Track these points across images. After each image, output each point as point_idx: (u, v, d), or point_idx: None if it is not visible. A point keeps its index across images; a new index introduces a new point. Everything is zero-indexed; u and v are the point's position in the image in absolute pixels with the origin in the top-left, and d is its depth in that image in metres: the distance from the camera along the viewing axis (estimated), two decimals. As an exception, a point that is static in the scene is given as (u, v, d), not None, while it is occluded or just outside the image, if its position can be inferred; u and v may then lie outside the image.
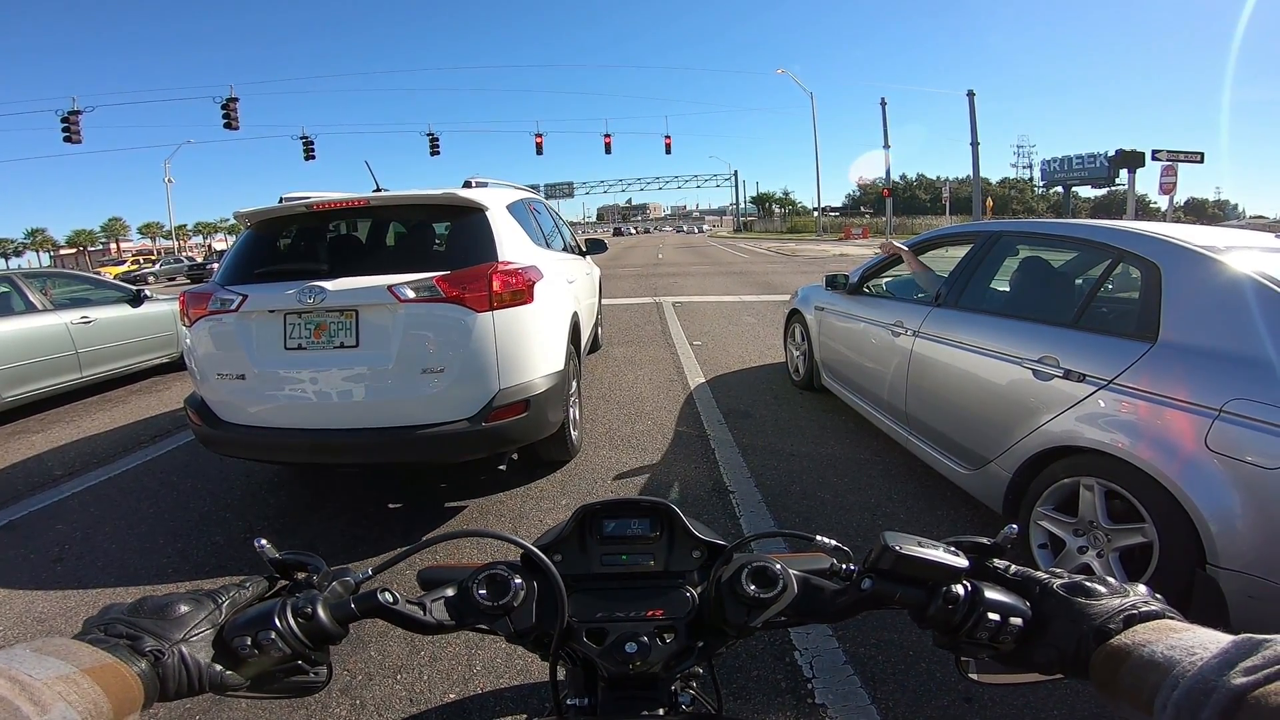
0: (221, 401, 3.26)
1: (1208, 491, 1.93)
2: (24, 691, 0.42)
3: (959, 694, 2.01)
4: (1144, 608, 0.55)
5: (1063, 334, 2.59)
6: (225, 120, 24.98)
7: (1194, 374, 2.08)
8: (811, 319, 5.16)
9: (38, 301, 6.21)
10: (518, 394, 3.16)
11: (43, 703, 0.42)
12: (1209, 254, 2.28)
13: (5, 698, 0.41)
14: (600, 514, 0.80)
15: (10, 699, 0.41)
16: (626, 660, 0.67)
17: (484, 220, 3.34)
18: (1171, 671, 0.45)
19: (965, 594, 0.62)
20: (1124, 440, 2.17)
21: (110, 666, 0.49)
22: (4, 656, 0.45)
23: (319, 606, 0.63)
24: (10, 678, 0.42)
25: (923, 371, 3.37)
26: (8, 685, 0.42)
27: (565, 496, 3.55)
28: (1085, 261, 3.01)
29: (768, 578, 0.68)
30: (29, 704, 0.41)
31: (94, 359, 6.45)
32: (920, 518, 3.18)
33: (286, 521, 3.45)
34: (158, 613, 0.57)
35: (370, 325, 3.06)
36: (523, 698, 1.84)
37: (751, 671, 2.13)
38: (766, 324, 8.76)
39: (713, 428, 4.57)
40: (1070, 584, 0.60)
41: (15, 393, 5.73)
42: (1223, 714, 0.38)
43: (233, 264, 3.43)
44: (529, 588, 0.70)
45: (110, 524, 3.54)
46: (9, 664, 0.44)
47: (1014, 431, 2.63)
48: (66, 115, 23.46)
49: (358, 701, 2.09)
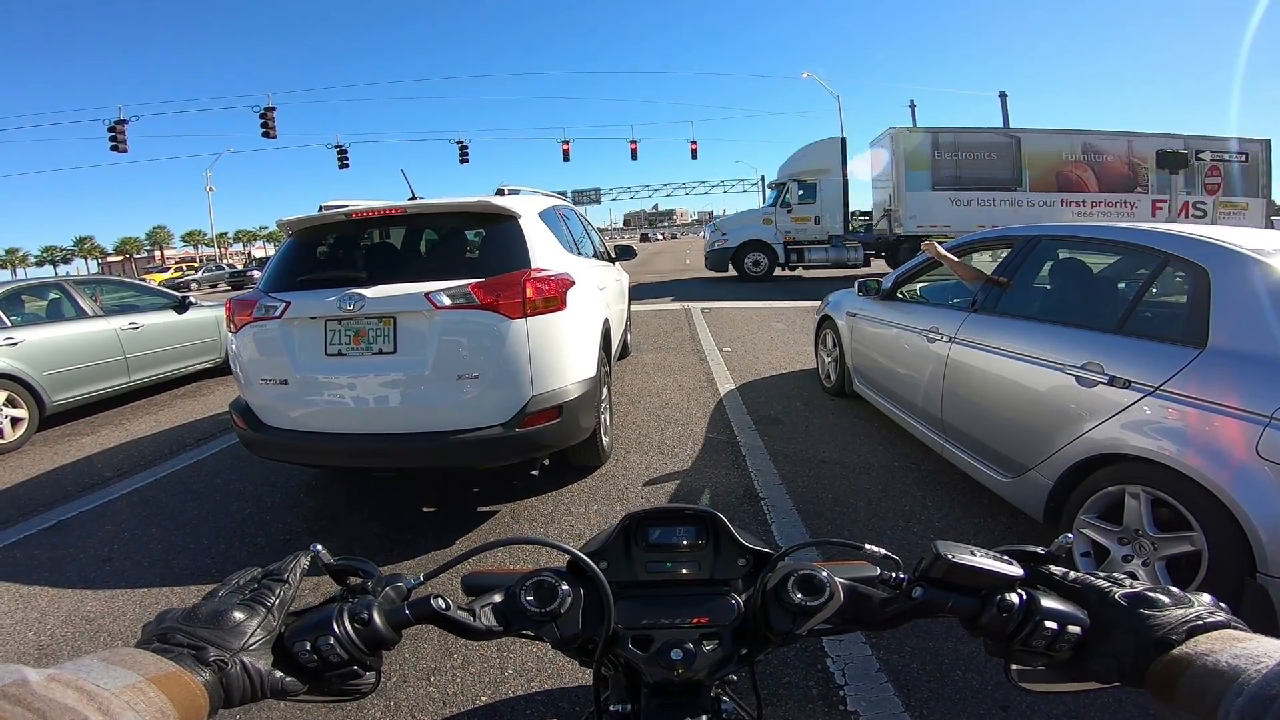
0: (265, 406, 3.35)
1: (1258, 499, 1.88)
2: (93, 701, 0.42)
3: (995, 701, 1.97)
4: (1209, 618, 0.54)
5: (1107, 339, 2.54)
6: (264, 129, 25.55)
7: (1244, 380, 2.02)
8: (843, 325, 5.11)
9: (88, 308, 6.45)
10: (550, 400, 3.19)
11: (111, 712, 0.42)
12: (1259, 256, 2.21)
13: (75, 708, 0.41)
14: (646, 522, 0.81)
15: (80, 709, 0.41)
16: (672, 667, 0.68)
17: (517, 227, 3.39)
18: (1237, 679, 0.44)
19: (1020, 602, 0.62)
20: (1171, 447, 2.11)
21: (175, 675, 0.50)
22: (72, 667, 0.45)
23: (375, 612, 0.64)
24: (79, 688, 0.43)
25: (959, 378, 3.32)
26: (76, 696, 0.42)
27: (596, 502, 3.57)
28: (1129, 265, 2.93)
29: (814, 585, 0.68)
30: (99, 714, 0.41)
31: (142, 364, 6.67)
32: (956, 525, 3.13)
33: (324, 524, 3.53)
34: (214, 620, 0.58)
35: (408, 331, 3.12)
36: (553, 701, 1.86)
37: (783, 678, 2.12)
38: (796, 330, 8.70)
39: (743, 434, 4.55)
40: (1132, 594, 0.59)
41: (66, 396, 5.95)
42: None
43: (276, 272, 3.52)
44: (575, 594, 0.71)
45: (156, 525, 3.65)
46: (77, 674, 0.44)
47: (1055, 439, 2.57)
48: (113, 125, 24.15)
49: (392, 703, 2.12)
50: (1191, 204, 17.28)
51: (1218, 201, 17.31)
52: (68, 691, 0.42)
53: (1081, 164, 17.11)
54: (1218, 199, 17.32)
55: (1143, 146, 17.16)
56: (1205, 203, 17.25)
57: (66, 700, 0.41)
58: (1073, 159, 17.08)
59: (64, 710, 0.40)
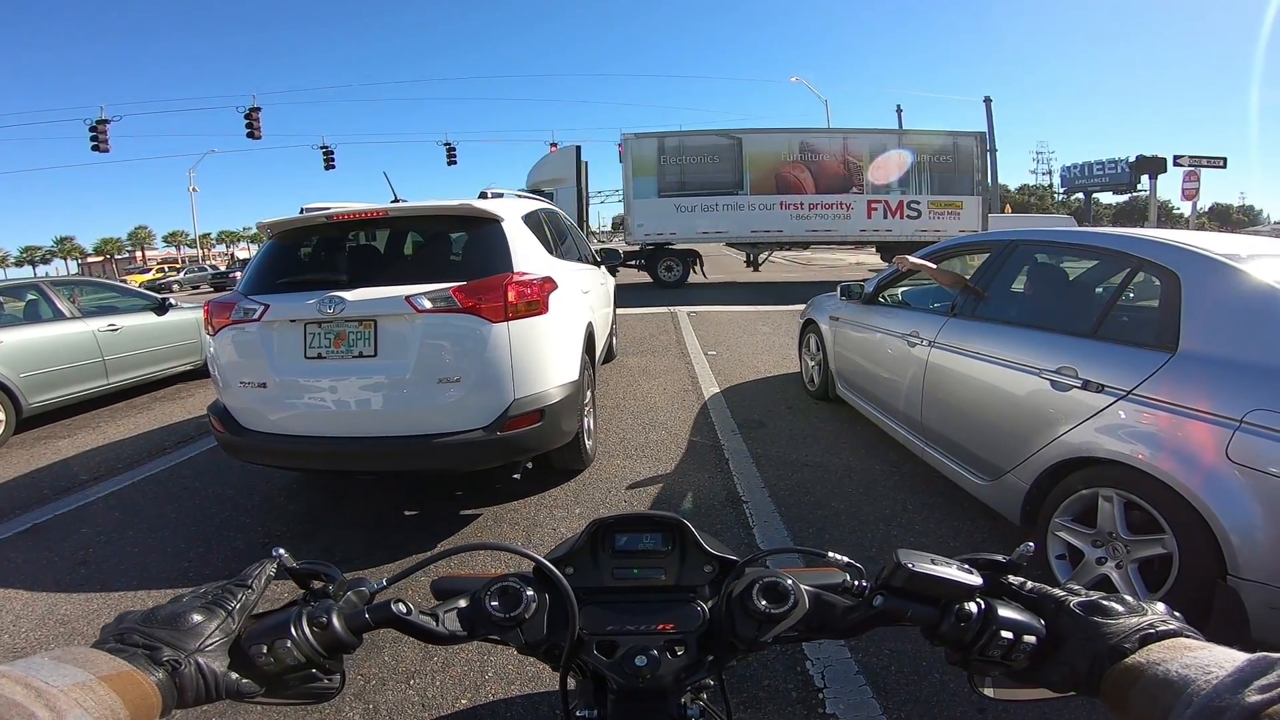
0: (243, 409, 3.32)
1: (1229, 502, 1.91)
2: (40, 698, 0.42)
3: (972, 704, 1.99)
4: (1161, 626, 0.54)
5: (1081, 344, 2.57)
6: (248, 130, 25.28)
7: (1215, 384, 2.06)
8: (826, 329, 5.14)
9: (66, 309, 6.35)
10: (533, 403, 3.19)
11: (58, 709, 0.42)
12: (1230, 262, 2.25)
13: (22, 704, 0.41)
14: (613, 528, 0.81)
15: (27, 705, 0.41)
16: (636, 673, 0.68)
17: (499, 231, 3.38)
18: (1186, 690, 0.45)
19: (978, 612, 0.63)
20: (1144, 451, 2.15)
21: (127, 675, 0.50)
22: (23, 664, 0.46)
23: (334, 616, 0.64)
24: (27, 685, 0.43)
25: (939, 382, 3.35)
26: (25, 692, 0.42)
27: (579, 505, 3.56)
28: (1104, 271, 2.98)
29: (779, 593, 0.68)
30: (45, 710, 0.42)
31: (120, 366, 6.58)
32: (935, 529, 3.15)
33: (304, 528, 3.50)
34: (172, 622, 0.58)
35: (388, 335, 3.10)
36: (533, 705, 1.86)
37: (762, 681, 2.12)
38: (781, 333, 8.74)
39: (727, 438, 4.57)
40: (1086, 602, 0.60)
41: (43, 398, 5.86)
42: None
43: (255, 274, 3.49)
44: (541, 600, 0.71)
45: (134, 528, 3.60)
46: (27, 671, 0.45)
47: (1031, 442, 2.60)
48: (95, 124, 23.80)
49: (371, 706, 2.11)
50: (906, 204, 16.57)
51: (930, 201, 16.60)
52: (16, 688, 0.43)
53: (799, 164, 16.51)
54: (929, 198, 16.63)
55: (857, 145, 16.65)
56: (919, 202, 16.53)
57: (14, 696, 0.42)
58: (791, 159, 16.51)
59: (10, 706, 0.41)
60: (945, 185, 16.76)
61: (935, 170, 16.74)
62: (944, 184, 16.75)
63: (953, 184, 16.75)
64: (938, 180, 16.74)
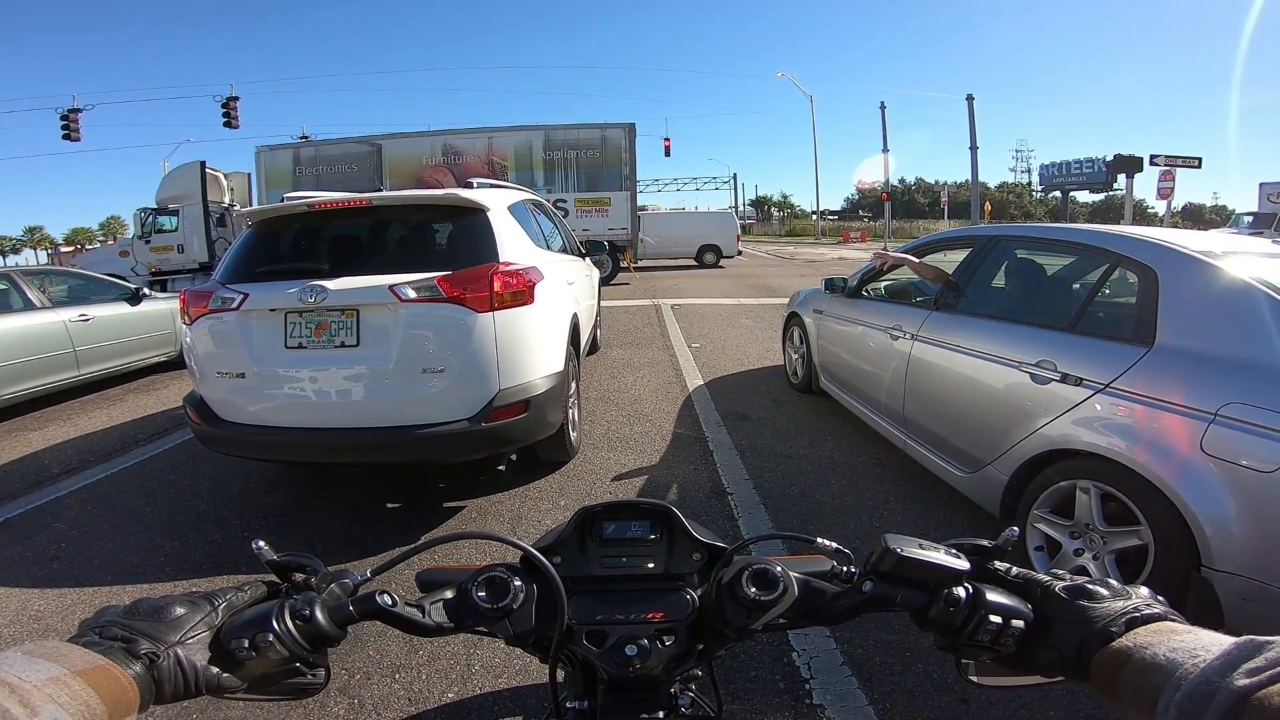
0: (221, 400, 3.26)
1: (1203, 495, 1.94)
2: (14, 694, 0.42)
3: (956, 694, 2.01)
4: (1146, 610, 0.55)
5: (1060, 338, 2.61)
6: (225, 119, 24.71)
7: (1190, 378, 2.10)
8: (810, 322, 5.17)
9: (36, 299, 6.20)
10: (517, 394, 3.17)
11: (32, 705, 0.42)
12: (1205, 259, 2.29)
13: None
14: (600, 516, 0.80)
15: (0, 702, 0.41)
16: (626, 663, 0.67)
17: (485, 221, 3.35)
18: (1174, 674, 0.45)
19: (966, 596, 0.63)
20: (1120, 444, 2.18)
21: (103, 669, 0.49)
22: None
23: (317, 609, 0.62)
24: (0, 680, 0.42)
25: (921, 375, 3.38)
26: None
27: (564, 497, 3.55)
28: (1083, 266, 3.02)
29: (768, 580, 0.68)
30: (19, 706, 0.41)
31: (92, 357, 6.43)
32: (918, 520, 3.19)
33: (285, 520, 3.45)
34: (153, 615, 0.57)
35: (371, 325, 3.07)
36: (521, 698, 1.85)
37: (749, 672, 2.14)
38: (765, 326, 8.77)
39: (711, 430, 4.58)
40: (1072, 586, 0.60)
41: (12, 390, 5.71)
42: (1225, 716, 0.38)
43: (234, 263, 3.43)
44: (528, 590, 0.70)
45: (107, 522, 3.53)
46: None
47: (1011, 435, 2.64)
48: (66, 113, 23.16)
49: (356, 700, 2.09)
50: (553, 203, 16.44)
51: (576, 199, 16.24)
52: None
53: (441, 167, 16.54)
54: (576, 196, 16.30)
55: (502, 143, 16.58)
56: (565, 200, 15.97)
57: None
58: (434, 162, 16.59)
59: None
60: (593, 182, 16.49)
61: (583, 166, 16.46)
62: (591, 180, 16.47)
63: (600, 180, 16.46)
64: (585, 176, 16.47)
